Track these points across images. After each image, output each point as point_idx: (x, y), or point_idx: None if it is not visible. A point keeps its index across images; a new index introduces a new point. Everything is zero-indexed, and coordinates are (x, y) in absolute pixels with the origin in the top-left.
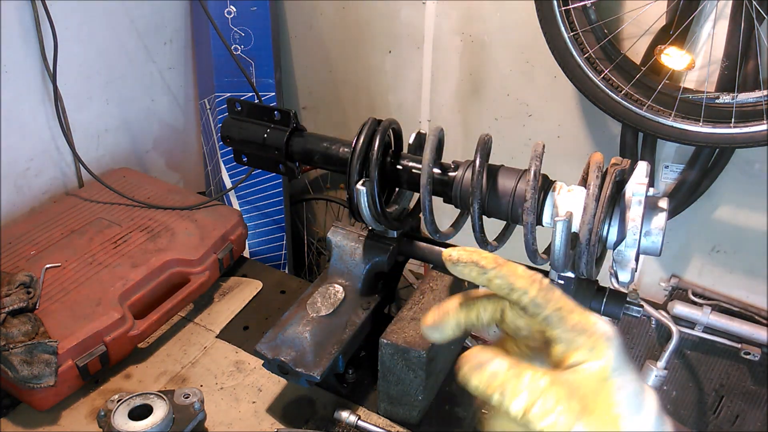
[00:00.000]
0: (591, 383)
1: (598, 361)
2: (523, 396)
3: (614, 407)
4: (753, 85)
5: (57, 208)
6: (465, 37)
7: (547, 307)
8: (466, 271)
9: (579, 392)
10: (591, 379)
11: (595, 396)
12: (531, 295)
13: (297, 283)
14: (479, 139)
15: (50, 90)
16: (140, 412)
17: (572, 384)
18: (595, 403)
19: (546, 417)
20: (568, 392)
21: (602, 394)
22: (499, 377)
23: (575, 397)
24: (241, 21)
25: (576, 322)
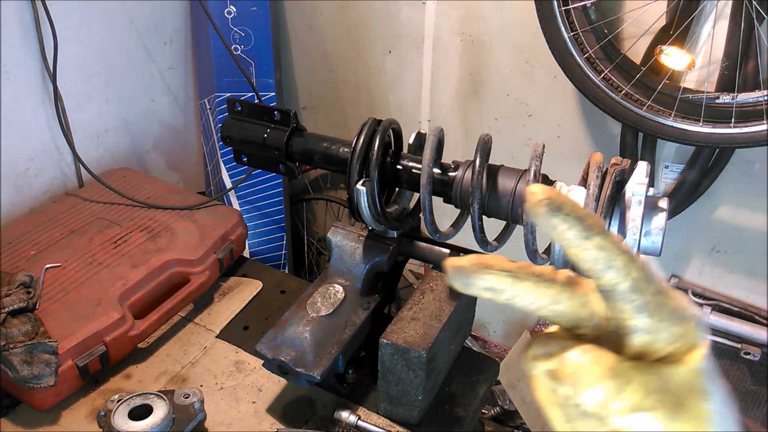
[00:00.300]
0: (686, 380)
1: (697, 355)
2: (604, 385)
3: (708, 414)
4: (753, 85)
5: (57, 208)
6: (465, 37)
7: (647, 291)
8: (562, 227)
9: (674, 386)
10: (687, 376)
11: (691, 392)
12: (634, 276)
13: (297, 283)
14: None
15: (50, 90)
16: (140, 412)
17: (665, 377)
18: (692, 401)
19: (632, 412)
20: (661, 385)
21: (697, 395)
22: (574, 360)
23: (670, 392)
24: (241, 21)
25: (673, 307)
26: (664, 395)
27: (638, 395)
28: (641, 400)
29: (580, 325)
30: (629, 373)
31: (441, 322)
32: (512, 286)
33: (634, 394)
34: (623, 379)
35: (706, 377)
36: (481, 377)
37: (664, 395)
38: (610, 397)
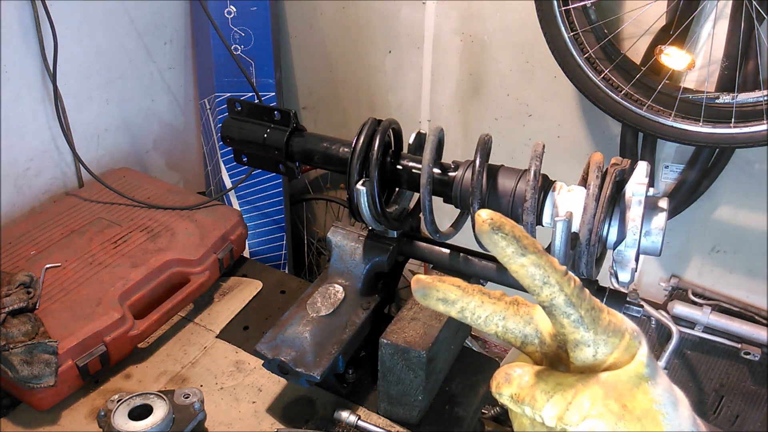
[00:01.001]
0: (628, 383)
1: (633, 360)
2: (555, 400)
3: (653, 404)
4: (753, 85)
5: (57, 208)
6: (465, 37)
7: (581, 306)
8: (502, 243)
9: (616, 392)
10: (628, 379)
11: (632, 395)
12: (567, 292)
13: (297, 283)
14: (479, 139)
15: (50, 90)
16: (140, 412)
17: (607, 384)
18: (634, 403)
19: (583, 420)
20: (604, 393)
21: (640, 392)
22: (529, 382)
23: (612, 398)
24: (241, 21)
25: (608, 321)
26: (608, 401)
27: (585, 405)
28: (589, 408)
29: (527, 342)
30: (575, 386)
31: (441, 322)
32: (461, 298)
33: (582, 404)
34: (570, 392)
35: (649, 380)
36: (481, 377)
37: (609, 401)
38: (561, 410)
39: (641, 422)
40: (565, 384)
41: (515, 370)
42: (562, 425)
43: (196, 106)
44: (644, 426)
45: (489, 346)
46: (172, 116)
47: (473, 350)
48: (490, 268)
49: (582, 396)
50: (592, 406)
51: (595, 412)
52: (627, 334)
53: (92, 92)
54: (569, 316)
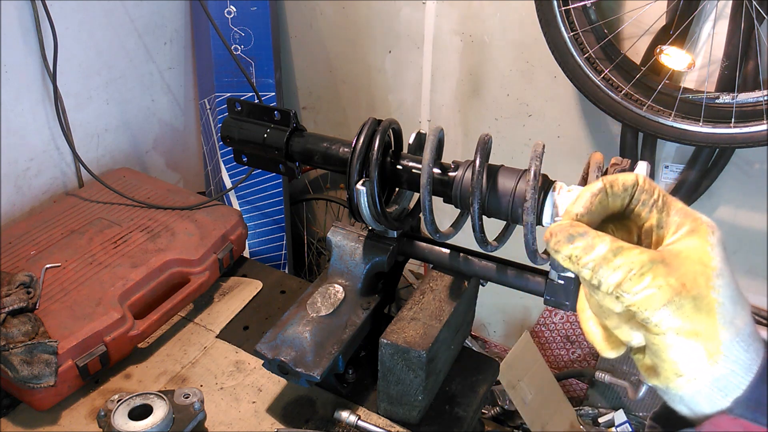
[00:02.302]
0: (692, 264)
1: (700, 241)
2: (619, 272)
3: (712, 291)
4: (753, 85)
5: (57, 208)
6: (465, 37)
7: (654, 192)
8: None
9: (679, 271)
10: (692, 260)
11: (694, 277)
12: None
13: (297, 283)
14: (479, 139)
15: (50, 90)
16: (140, 412)
17: (672, 262)
18: (694, 284)
19: (642, 291)
20: (667, 270)
21: (702, 276)
22: (595, 250)
23: (674, 275)
24: (241, 21)
25: (680, 207)
26: (669, 278)
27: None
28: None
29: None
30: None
31: (441, 322)
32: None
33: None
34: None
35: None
36: (481, 377)
37: (670, 278)
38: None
39: (695, 302)
40: (632, 254)
41: (577, 230)
42: (619, 292)
43: (196, 106)
44: (698, 307)
45: (489, 346)
46: (172, 116)
47: (473, 350)
48: (490, 268)
49: (646, 269)
50: (653, 280)
51: (655, 285)
52: (699, 220)
53: (92, 92)
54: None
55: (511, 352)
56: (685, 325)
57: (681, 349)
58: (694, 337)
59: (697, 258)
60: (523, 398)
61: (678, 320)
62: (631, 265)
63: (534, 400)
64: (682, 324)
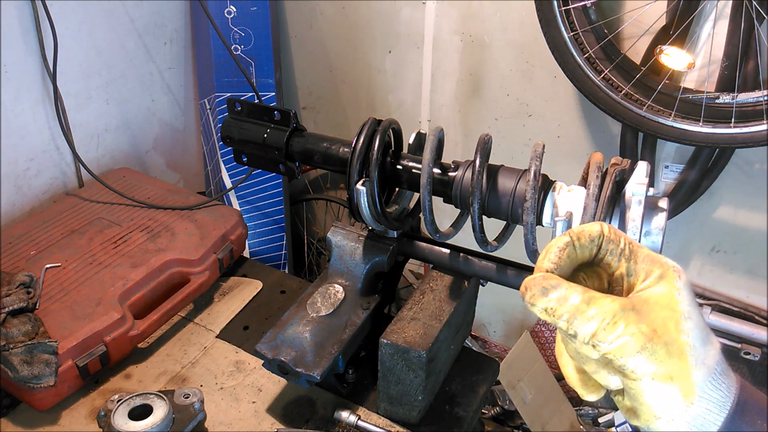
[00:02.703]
0: (661, 309)
1: (667, 288)
2: (594, 322)
3: (682, 335)
4: (753, 85)
5: (57, 208)
6: (465, 37)
7: (620, 241)
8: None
9: (649, 317)
10: (661, 305)
11: (664, 323)
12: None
13: (297, 283)
14: (479, 139)
15: (50, 90)
16: (140, 412)
17: (642, 309)
18: (665, 329)
19: (616, 340)
20: (638, 317)
21: (672, 321)
22: (568, 302)
23: (645, 322)
24: (241, 21)
25: (647, 254)
26: (641, 325)
27: (620, 326)
28: (623, 330)
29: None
30: (612, 308)
31: (441, 322)
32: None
33: (617, 325)
34: (607, 313)
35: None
36: (481, 377)
37: (641, 325)
38: (597, 329)
39: (667, 348)
40: (604, 304)
41: (551, 283)
42: (594, 341)
43: (196, 106)
44: (670, 352)
45: (489, 346)
46: (172, 116)
47: (473, 350)
48: (490, 268)
49: (618, 318)
50: (626, 328)
51: (628, 333)
52: (666, 266)
53: (92, 92)
54: (612, 252)
55: (511, 352)
56: (660, 369)
57: (657, 392)
58: (669, 380)
59: (666, 303)
60: (523, 398)
61: (652, 365)
62: (603, 314)
63: (534, 400)
64: (657, 369)
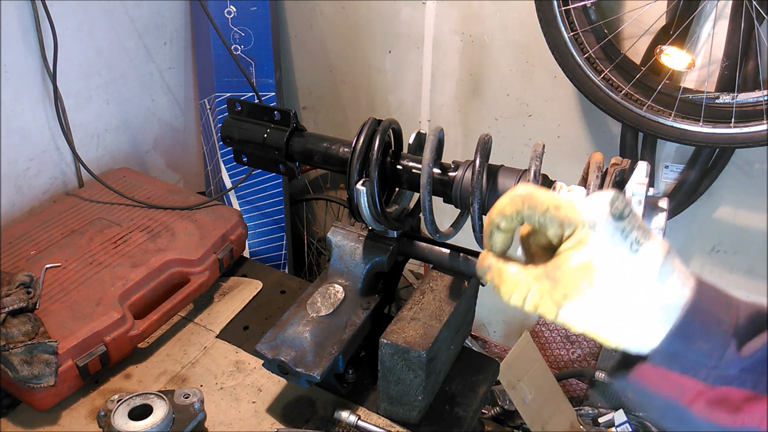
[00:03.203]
0: (573, 271)
1: (578, 248)
2: (515, 295)
3: (593, 289)
4: (753, 85)
5: (57, 208)
6: (465, 37)
7: (534, 213)
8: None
9: (562, 282)
10: (572, 267)
11: (575, 283)
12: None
13: (297, 283)
14: (479, 139)
15: (50, 90)
16: (140, 412)
17: (555, 275)
18: (576, 290)
19: (535, 309)
20: (551, 284)
21: (584, 278)
22: (495, 281)
23: (558, 288)
24: (241, 21)
25: (563, 216)
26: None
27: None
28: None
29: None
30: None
31: (441, 322)
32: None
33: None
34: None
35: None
36: (481, 377)
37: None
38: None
39: (582, 306)
40: (516, 277)
41: (484, 263)
42: (525, 311)
43: (196, 106)
44: (587, 309)
45: (489, 346)
46: (172, 116)
47: (473, 350)
48: None
49: (533, 290)
50: (540, 299)
51: (543, 303)
52: (577, 223)
53: (92, 92)
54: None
55: (511, 352)
56: (582, 325)
57: (594, 336)
58: (595, 332)
59: (579, 264)
60: (523, 398)
61: (576, 323)
62: (518, 288)
63: (534, 400)
64: (579, 325)
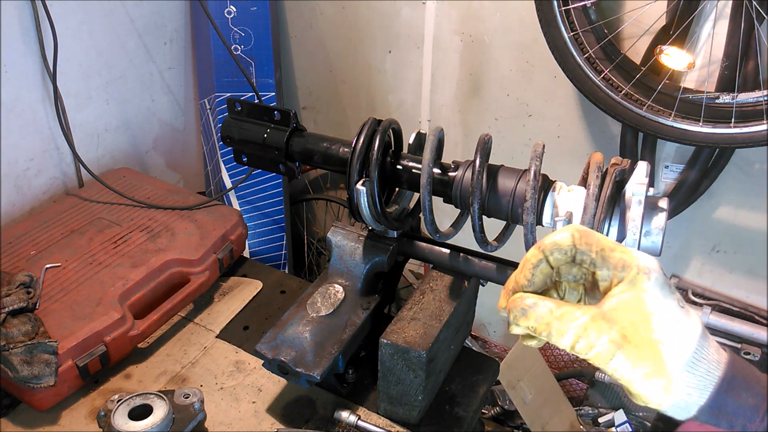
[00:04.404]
0: (630, 314)
1: (635, 291)
2: (570, 334)
3: (653, 334)
4: (753, 85)
5: (57, 208)
6: (465, 37)
7: (591, 251)
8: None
9: (619, 324)
10: (630, 310)
11: (635, 326)
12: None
13: (297, 283)
14: (479, 139)
15: (50, 90)
16: (140, 412)
17: (612, 317)
18: (635, 333)
19: (590, 350)
20: (608, 325)
21: (642, 323)
22: (545, 319)
23: (615, 329)
24: (241, 21)
25: (618, 259)
26: (610, 332)
27: (592, 336)
28: (595, 339)
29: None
30: (584, 320)
31: (441, 322)
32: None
33: (589, 336)
34: (580, 326)
35: (653, 314)
36: (481, 377)
37: (611, 332)
38: (574, 342)
39: (639, 350)
40: (573, 318)
41: (527, 302)
42: (574, 353)
43: (196, 106)
44: (642, 354)
45: (489, 346)
46: (172, 116)
47: (473, 350)
48: (490, 268)
49: (590, 328)
50: (597, 338)
51: (600, 342)
52: (634, 269)
53: (92, 92)
54: (585, 261)
55: (511, 352)
56: (636, 370)
57: (640, 387)
58: (646, 379)
59: (635, 307)
60: (523, 398)
61: (628, 368)
62: (575, 328)
63: (534, 400)
64: (633, 371)
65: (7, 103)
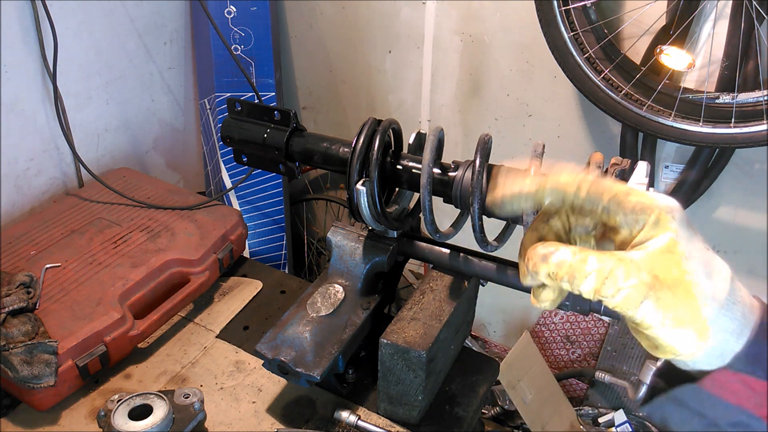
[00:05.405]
0: (659, 257)
1: (663, 234)
2: (591, 278)
3: (686, 275)
4: (753, 85)
5: (57, 208)
6: (465, 37)
7: (602, 198)
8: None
9: (648, 266)
10: (659, 253)
11: (665, 268)
12: (582, 195)
13: (297, 283)
14: (479, 139)
15: (50, 90)
16: (140, 412)
17: (640, 261)
18: (667, 274)
19: (617, 293)
20: (636, 268)
21: (672, 264)
22: (566, 264)
23: (644, 269)
24: (241, 21)
25: (635, 203)
26: (640, 273)
27: (620, 278)
28: (623, 280)
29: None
30: (610, 262)
31: (441, 322)
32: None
33: (616, 278)
34: (606, 267)
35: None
36: (481, 377)
37: (641, 273)
38: (599, 284)
39: (672, 290)
40: (599, 260)
41: (549, 249)
42: (598, 297)
43: (196, 106)
44: (676, 295)
45: (489, 346)
46: (172, 116)
47: (473, 350)
48: (490, 268)
49: (617, 270)
50: (625, 279)
51: (629, 284)
52: (656, 211)
53: (92, 92)
54: (596, 209)
55: (511, 352)
56: (668, 315)
57: (672, 335)
58: (680, 324)
59: (665, 248)
60: (523, 398)
61: (660, 313)
62: (600, 269)
63: (534, 400)
64: (665, 315)
65: (7, 103)
